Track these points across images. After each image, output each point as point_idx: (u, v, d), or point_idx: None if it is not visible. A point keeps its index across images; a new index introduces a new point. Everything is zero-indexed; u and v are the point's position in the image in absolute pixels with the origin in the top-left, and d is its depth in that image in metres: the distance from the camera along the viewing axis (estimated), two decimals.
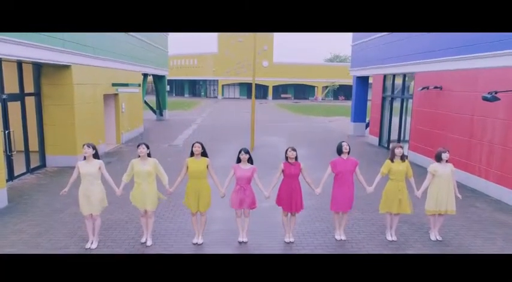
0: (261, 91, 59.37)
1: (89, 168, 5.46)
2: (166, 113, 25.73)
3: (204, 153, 5.78)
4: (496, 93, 7.62)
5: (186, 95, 63.58)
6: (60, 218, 6.82)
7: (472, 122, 9.32)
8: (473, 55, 9.04)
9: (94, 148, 5.56)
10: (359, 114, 18.68)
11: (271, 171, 10.63)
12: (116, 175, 9.92)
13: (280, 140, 16.54)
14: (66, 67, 10.35)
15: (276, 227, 6.39)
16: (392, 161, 5.95)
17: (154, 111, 25.55)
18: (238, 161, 5.85)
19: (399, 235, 6.27)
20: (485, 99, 7.66)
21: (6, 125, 8.91)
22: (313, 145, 15.47)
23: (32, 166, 10.11)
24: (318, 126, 22.60)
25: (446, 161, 5.98)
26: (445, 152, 5.93)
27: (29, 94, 10.03)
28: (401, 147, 5.96)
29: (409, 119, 13.18)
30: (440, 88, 10.71)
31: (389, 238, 6.12)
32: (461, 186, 9.33)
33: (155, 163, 5.72)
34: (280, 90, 60.42)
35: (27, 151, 9.91)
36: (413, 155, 12.41)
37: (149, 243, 5.80)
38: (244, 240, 5.96)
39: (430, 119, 11.38)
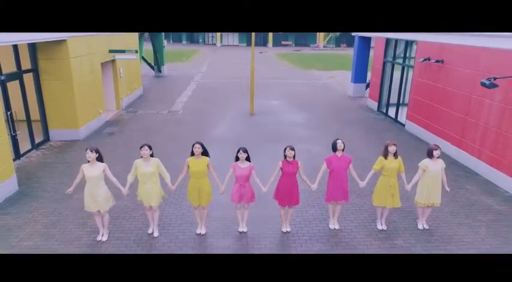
0: (261, 38, 57.65)
1: (93, 172, 5.68)
2: (165, 69, 25.40)
3: (204, 153, 5.97)
4: (494, 79, 7.61)
5: (184, 42, 61.80)
6: (70, 205, 7.19)
7: (470, 100, 9.37)
8: (476, 32, 8.84)
9: (97, 151, 5.74)
10: (359, 75, 18.48)
11: (274, 146, 10.93)
12: (118, 150, 10.25)
13: (280, 105, 16.57)
14: (61, 41, 10.14)
15: (273, 217, 6.77)
16: (385, 157, 6.17)
17: (152, 67, 25.21)
18: (237, 159, 6.05)
19: (389, 223, 6.70)
20: (483, 85, 7.66)
21: (7, 106, 8.99)
22: (313, 110, 15.53)
23: (36, 141, 10.35)
24: (319, 85, 22.40)
25: (438, 158, 6.20)
26: (437, 150, 6.12)
27: (27, 71, 9.95)
28: (394, 144, 6.14)
29: (409, 85, 13.11)
30: (442, 62, 10.58)
31: (379, 227, 6.56)
32: (454, 163, 9.70)
33: (158, 163, 5.94)
34: (280, 37, 58.61)
35: (30, 128, 10.09)
36: (410, 124, 12.58)
37: (156, 234, 6.23)
38: (244, 230, 6.40)
39: (429, 91, 11.37)
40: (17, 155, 9.40)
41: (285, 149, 6.03)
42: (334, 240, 6.25)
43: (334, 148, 6.17)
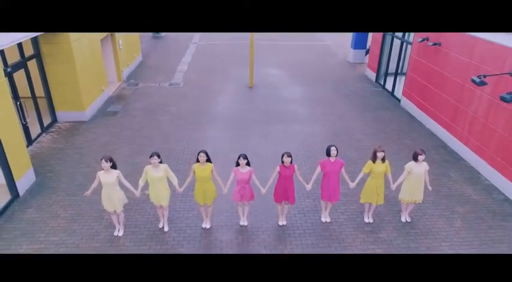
0: None
1: (108, 179, 6.27)
2: None
3: (208, 160, 6.52)
4: (484, 77, 7.91)
5: None
6: (86, 197, 7.75)
7: (463, 89, 9.69)
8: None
9: (111, 160, 6.28)
10: (359, 42, 18.37)
11: (272, 126, 11.39)
12: (124, 131, 10.76)
13: (279, 75, 16.67)
14: None
15: (271, 211, 7.47)
16: (374, 162, 6.72)
17: None
18: (237, 164, 6.60)
19: (375, 215, 7.43)
20: (473, 82, 7.97)
21: (16, 96, 9.34)
22: (312, 81, 15.69)
23: (44, 123, 10.81)
24: (320, 48, 22.11)
25: (422, 161, 6.76)
26: (422, 155, 6.66)
27: (30, 58, 10.12)
28: (383, 151, 6.66)
29: (407, 59, 13.23)
30: (439, 44, 10.70)
31: (366, 220, 7.30)
32: (443, 147, 10.28)
33: (166, 169, 6.50)
34: None
35: (38, 113, 10.51)
36: (405, 101, 12.93)
37: (166, 229, 6.99)
38: (245, 223, 7.15)
39: (425, 71, 11.59)
40: (29, 141, 9.93)
41: (283, 156, 6.55)
42: (325, 233, 7.02)
43: (328, 154, 6.69)
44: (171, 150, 9.92)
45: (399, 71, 14.05)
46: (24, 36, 8.35)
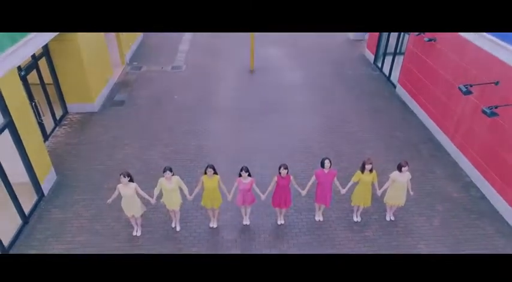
0: None
1: (127, 191, 7.10)
2: None
3: (215, 172, 7.29)
4: (471, 86, 8.44)
5: None
6: (104, 196, 8.56)
7: (453, 87, 10.19)
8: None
9: (129, 175, 7.05)
10: None
11: (272, 117, 11.99)
12: (132, 124, 11.53)
13: (279, 57, 16.87)
14: None
15: (270, 210, 8.33)
16: (362, 172, 7.50)
17: None
18: (240, 175, 7.39)
19: (363, 214, 8.34)
20: (460, 89, 8.51)
21: (31, 97, 9.89)
22: (311, 64, 16.00)
23: (57, 117, 11.45)
24: None
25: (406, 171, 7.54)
26: (405, 166, 7.40)
27: (40, 56, 10.52)
28: (371, 163, 7.40)
29: (405, 40, 13.52)
30: (435, 40, 11.02)
31: (355, 219, 8.23)
32: (432, 140, 11.03)
33: (178, 180, 7.30)
34: None
35: (50, 106, 11.12)
36: (401, 89, 13.42)
37: (178, 229, 7.93)
38: (247, 223, 8.09)
39: (420, 64, 11.99)
40: (45, 136, 10.62)
41: (280, 168, 7.30)
42: (318, 232, 7.97)
43: (322, 166, 7.44)
44: (177, 145, 10.64)
45: (398, 51, 14.31)
46: (36, 47, 8.75)
